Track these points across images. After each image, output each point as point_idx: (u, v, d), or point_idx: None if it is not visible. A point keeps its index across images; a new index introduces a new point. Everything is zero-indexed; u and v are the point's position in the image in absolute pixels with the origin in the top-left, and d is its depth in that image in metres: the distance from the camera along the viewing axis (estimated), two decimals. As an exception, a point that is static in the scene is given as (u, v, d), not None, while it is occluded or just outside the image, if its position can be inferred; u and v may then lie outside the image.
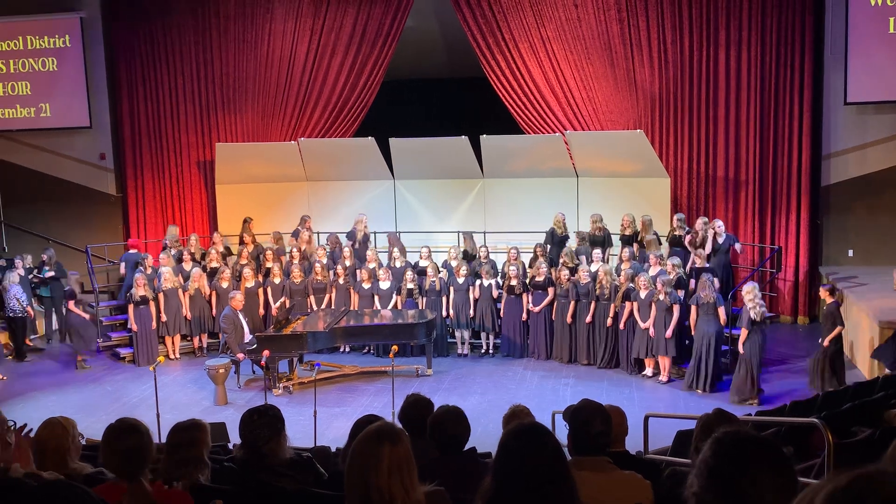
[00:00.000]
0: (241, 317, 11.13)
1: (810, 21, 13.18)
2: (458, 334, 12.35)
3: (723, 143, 13.65)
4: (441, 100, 15.91)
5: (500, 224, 13.86)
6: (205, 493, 3.35)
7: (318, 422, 8.51)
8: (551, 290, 11.76)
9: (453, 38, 14.85)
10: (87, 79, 15.25)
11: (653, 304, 10.62)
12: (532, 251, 12.41)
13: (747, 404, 9.60)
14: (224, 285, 12.39)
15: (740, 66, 13.42)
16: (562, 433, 3.32)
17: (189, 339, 12.77)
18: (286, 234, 13.91)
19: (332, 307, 12.37)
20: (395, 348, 9.86)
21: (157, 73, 15.23)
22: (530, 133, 14.10)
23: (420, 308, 12.07)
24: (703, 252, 11.75)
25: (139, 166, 15.49)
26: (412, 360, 11.70)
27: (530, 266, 12.29)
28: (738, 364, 9.88)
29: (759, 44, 13.32)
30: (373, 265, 12.54)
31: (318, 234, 14.07)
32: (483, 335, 12.34)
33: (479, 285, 12.11)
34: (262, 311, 12.54)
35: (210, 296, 12.58)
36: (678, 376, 10.75)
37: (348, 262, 12.74)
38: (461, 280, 12.14)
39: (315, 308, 12.39)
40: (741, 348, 9.76)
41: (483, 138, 13.45)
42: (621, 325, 11.15)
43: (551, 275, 11.83)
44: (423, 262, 12.59)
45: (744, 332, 9.78)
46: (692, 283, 11.31)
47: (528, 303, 11.90)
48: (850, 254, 13.53)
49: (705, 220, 12.40)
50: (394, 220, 14.36)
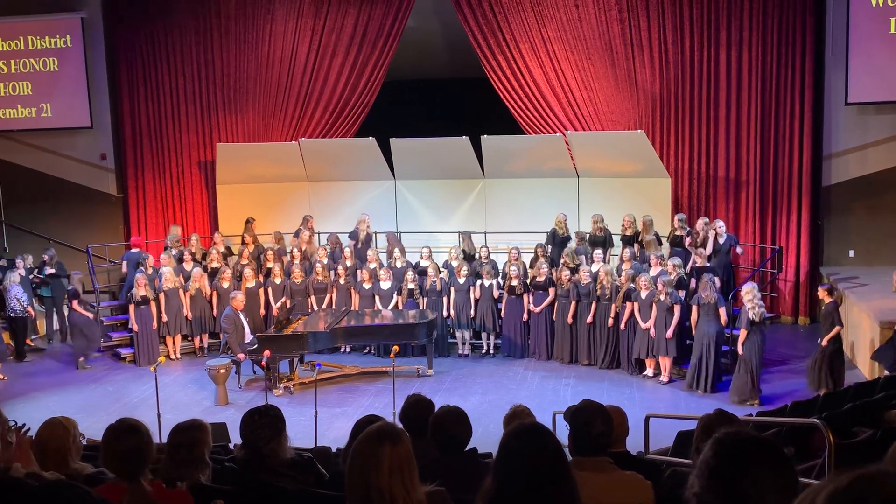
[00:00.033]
0: (242, 317, 11.14)
1: (811, 21, 13.18)
2: (458, 335, 12.35)
3: (724, 143, 13.65)
4: (442, 100, 15.90)
5: (501, 224, 13.86)
6: (206, 493, 3.35)
7: (319, 422, 8.51)
8: (552, 291, 11.75)
9: (454, 39, 14.85)
10: (88, 79, 15.25)
11: (654, 305, 10.63)
12: (533, 251, 12.41)
13: (748, 405, 9.61)
14: (225, 285, 12.40)
15: (741, 66, 13.42)
16: (563, 433, 3.31)
17: (190, 339, 12.77)
18: (287, 235, 13.91)
19: (333, 307, 12.37)
20: (395, 348, 9.87)
21: (158, 74, 15.23)
22: (531, 133, 14.10)
23: (421, 308, 12.07)
24: (703, 251, 11.75)
25: (140, 166, 15.49)
26: (413, 361, 11.70)
27: (531, 266, 12.29)
28: (737, 365, 9.90)
29: (760, 44, 13.31)
30: (374, 265, 12.54)
31: (319, 234, 14.07)
32: (484, 335, 12.34)
33: (480, 285, 12.10)
34: (263, 312, 12.54)
35: (211, 296, 12.59)
36: (679, 377, 10.75)
37: (349, 263, 12.75)
38: (462, 280, 12.14)
39: (316, 308, 12.39)
40: (740, 349, 9.78)
41: (484, 138, 13.45)
42: (622, 326, 11.15)
43: (552, 275, 11.83)
44: (423, 263, 12.59)
45: (743, 333, 9.79)
46: (692, 283, 11.32)
47: (529, 303, 11.90)
48: (851, 254, 13.52)
49: (706, 220, 12.42)
50: (394, 220, 14.36)
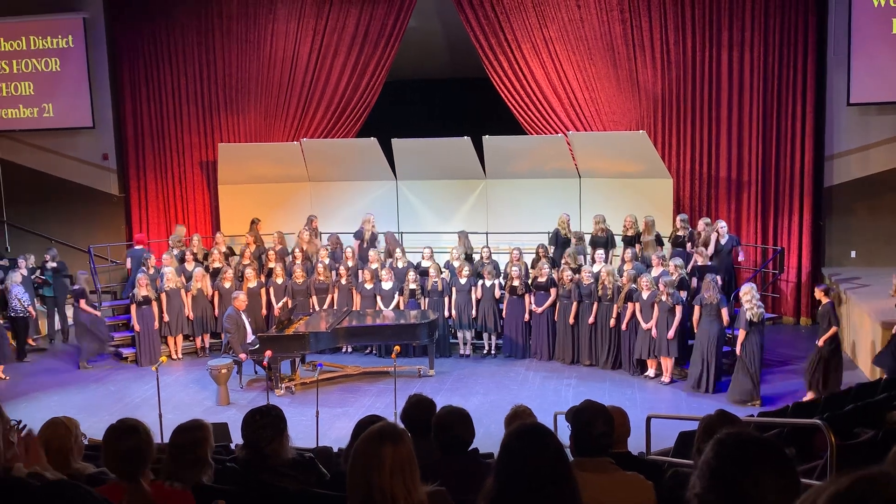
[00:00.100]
0: (244, 317, 11.14)
1: (813, 22, 13.17)
2: (460, 335, 12.34)
3: (725, 143, 13.64)
4: (443, 100, 15.90)
5: (503, 225, 13.85)
6: (207, 493, 3.35)
7: (321, 422, 8.51)
8: (553, 291, 11.75)
9: (456, 39, 14.85)
10: (90, 79, 15.27)
11: (655, 305, 10.62)
12: (534, 252, 12.40)
13: (749, 405, 9.60)
14: (226, 285, 12.40)
15: (743, 66, 13.41)
16: (564, 434, 3.32)
17: (191, 339, 12.78)
18: (289, 235, 13.91)
19: (335, 307, 12.38)
20: (397, 349, 9.89)
21: (160, 74, 15.25)
22: (533, 134, 14.10)
23: (422, 308, 12.07)
24: (704, 250, 11.74)
25: (142, 166, 15.51)
26: (414, 361, 11.69)
27: (533, 267, 12.29)
28: (736, 365, 9.90)
29: (761, 45, 13.30)
30: (375, 265, 12.54)
31: (321, 234, 14.07)
32: (485, 336, 12.34)
33: (482, 286, 12.10)
34: (265, 312, 12.55)
35: (212, 296, 12.59)
36: (680, 377, 10.75)
37: (350, 263, 12.75)
38: (463, 281, 12.13)
39: (317, 308, 12.39)
40: (739, 349, 9.79)
41: (485, 139, 13.45)
42: (623, 326, 11.15)
43: (553, 275, 11.83)
44: (425, 263, 12.59)
45: (742, 333, 9.80)
46: (694, 283, 11.31)
47: (531, 303, 11.89)
48: (853, 255, 13.51)
49: (707, 220, 12.41)
50: (396, 220, 14.36)
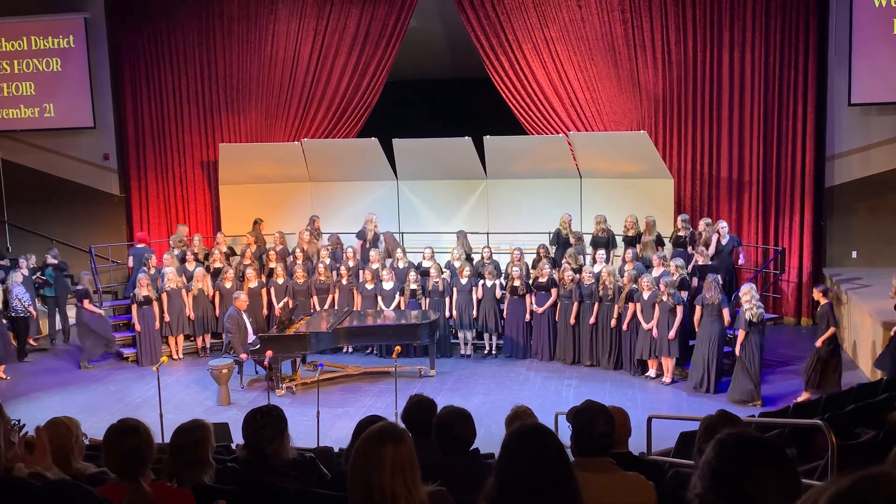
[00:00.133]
0: (246, 317, 11.14)
1: (814, 22, 13.16)
2: (461, 335, 12.34)
3: (726, 144, 13.63)
4: (444, 100, 15.90)
5: (504, 225, 13.85)
6: (208, 493, 3.35)
7: (321, 422, 8.52)
8: (554, 291, 11.74)
9: (457, 39, 14.85)
10: (90, 79, 15.28)
11: (656, 306, 10.62)
12: (535, 252, 12.40)
13: (750, 406, 9.60)
14: (227, 285, 12.40)
15: (744, 67, 13.40)
16: (565, 434, 3.31)
17: (192, 339, 12.78)
18: (289, 235, 13.92)
19: (336, 308, 12.38)
20: (398, 349, 9.89)
21: (161, 74, 15.26)
22: (534, 134, 14.09)
23: (423, 309, 12.07)
24: (704, 250, 11.73)
25: (143, 167, 15.52)
26: (415, 361, 11.69)
27: (533, 267, 12.29)
28: (736, 366, 9.90)
29: (762, 45, 13.30)
30: (376, 266, 12.54)
31: (323, 234, 14.07)
32: (486, 336, 12.33)
33: (483, 286, 12.10)
34: (266, 312, 12.55)
35: (213, 296, 12.60)
36: (681, 377, 10.74)
37: (351, 263, 12.75)
38: (464, 281, 12.13)
39: (318, 308, 12.40)
40: (738, 350, 9.79)
41: (486, 139, 13.44)
42: (624, 327, 11.15)
43: (554, 276, 11.82)
44: (426, 263, 12.59)
45: (741, 334, 9.80)
46: (694, 282, 11.31)
47: (532, 304, 11.89)
48: (854, 255, 13.51)
49: (708, 221, 12.41)
50: (397, 220, 14.36)
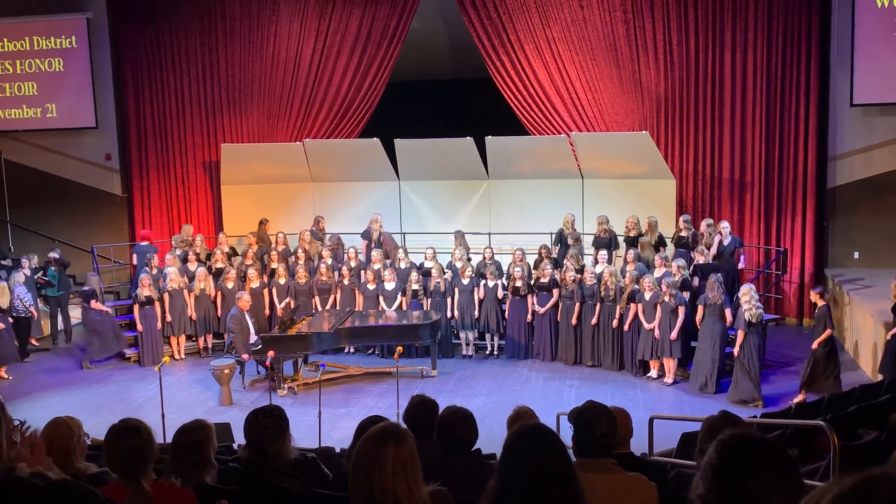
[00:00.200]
0: (248, 317, 11.15)
1: (816, 22, 13.15)
2: (462, 335, 12.34)
3: (728, 144, 13.62)
4: (446, 101, 15.90)
5: (505, 225, 13.85)
6: (210, 493, 3.35)
7: (323, 422, 8.51)
8: (556, 292, 11.74)
9: (459, 39, 14.85)
10: (93, 79, 15.30)
11: (658, 306, 10.62)
12: (537, 252, 12.40)
13: (751, 406, 9.60)
14: (229, 286, 12.41)
15: (746, 67, 13.39)
16: (566, 435, 3.31)
17: (194, 339, 12.79)
18: (291, 235, 13.92)
19: (337, 308, 12.38)
20: (399, 349, 9.89)
21: (163, 74, 15.27)
22: (535, 134, 14.09)
23: (425, 309, 12.07)
24: (704, 249, 11.72)
25: (145, 167, 15.53)
26: (417, 361, 11.69)
27: (535, 267, 12.28)
28: (735, 366, 9.91)
29: (764, 45, 13.29)
30: (378, 266, 12.55)
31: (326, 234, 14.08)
32: (488, 336, 12.33)
33: (484, 286, 12.10)
34: (268, 312, 12.56)
35: (215, 296, 12.60)
36: (683, 378, 10.74)
37: (353, 263, 12.75)
38: (466, 281, 12.13)
39: (320, 309, 12.40)
40: (737, 350, 9.80)
41: (488, 139, 13.45)
42: (626, 327, 11.14)
43: (556, 276, 11.82)
44: (427, 263, 12.59)
45: (741, 334, 9.81)
46: (695, 281, 11.30)
47: (533, 304, 11.89)
48: (856, 256, 13.49)
49: (709, 221, 12.39)
50: (399, 221, 14.36)
